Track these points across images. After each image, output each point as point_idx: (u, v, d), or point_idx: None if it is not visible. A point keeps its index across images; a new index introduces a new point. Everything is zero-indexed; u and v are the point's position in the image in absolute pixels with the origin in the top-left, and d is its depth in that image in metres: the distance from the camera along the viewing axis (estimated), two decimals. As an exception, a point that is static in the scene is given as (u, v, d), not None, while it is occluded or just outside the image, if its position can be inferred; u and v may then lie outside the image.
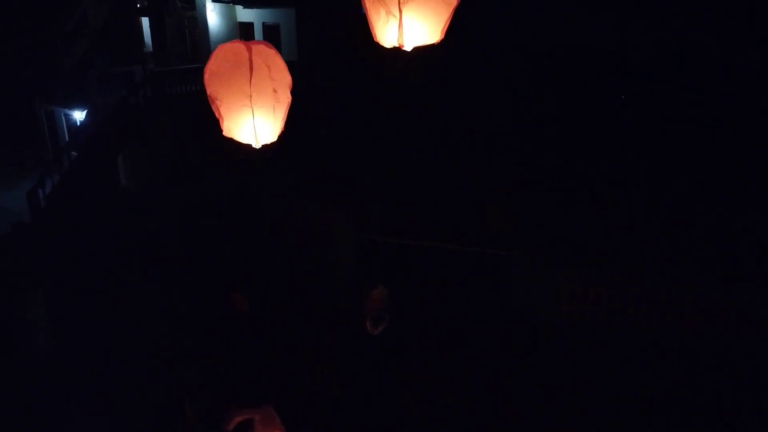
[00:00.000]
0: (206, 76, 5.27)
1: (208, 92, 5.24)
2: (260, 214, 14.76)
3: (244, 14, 23.38)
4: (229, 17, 23.51)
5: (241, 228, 15.29)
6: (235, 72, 5.15)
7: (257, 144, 5.24)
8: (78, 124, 22.84)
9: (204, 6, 22.82)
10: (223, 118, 5.26)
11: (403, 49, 4.32)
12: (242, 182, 15.50)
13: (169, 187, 19.50)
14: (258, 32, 23.36)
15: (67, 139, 24.31)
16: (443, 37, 4.27)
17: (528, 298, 10.28)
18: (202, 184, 18.79)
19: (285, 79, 5.20)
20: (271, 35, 23.27)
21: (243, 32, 23.68)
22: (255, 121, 5.22)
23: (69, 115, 22.92)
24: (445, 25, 4.25)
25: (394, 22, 4.22)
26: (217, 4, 22.88)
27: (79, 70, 24.29)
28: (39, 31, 24.79)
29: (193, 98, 22.08)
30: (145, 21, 25.40)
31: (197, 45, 23.78)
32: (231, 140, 5.38)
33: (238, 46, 5.14)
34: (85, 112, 20.98)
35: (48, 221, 19.19)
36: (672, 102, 18.27)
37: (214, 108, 5.28)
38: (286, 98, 5.23)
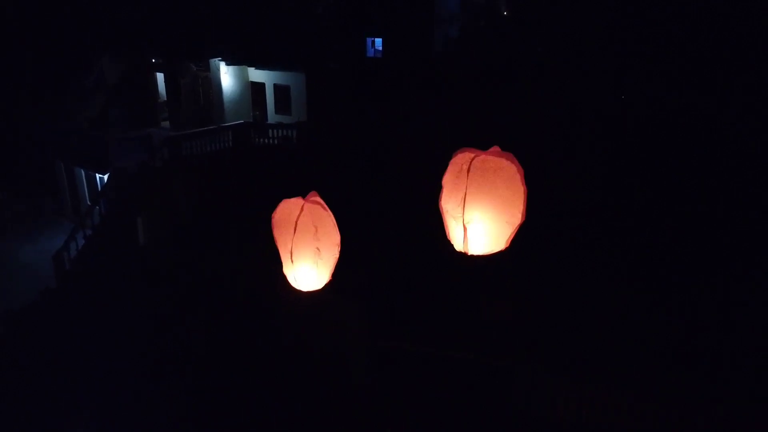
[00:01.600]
0: (273, 221, 6.05)
1: (274, 234, 6.01)
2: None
3: (256, 75, 24.45)
4: (241, 78, 24.57)
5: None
6: (286, 226, 5.95)
7: (300, 288, 6.08)
8: (98, 181, 23.88)
9: (218, 68, 23.88)
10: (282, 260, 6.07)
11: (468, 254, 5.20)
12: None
13: (184, 251, 20.52)
14: (269, 93, 24.44)
15: (86, 192, 25.41)
16: (508, 245, 5.13)
17: (528, 400, 11.36)
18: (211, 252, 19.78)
19: (332, 238, 5.97)
20: (282, 96, 24.35)
21: (255, 93, 24.75)
22: (295, 272, 6.05)
23: (89, 173, 23.96)
24: (509, 238, 5.10)
25: (459, 230, 5.13)
26: (231, 66, 23.92)
27: (97, 127, 25.32)
28: (58, 86, 25.82)
29: (207, 159, 23.23)
30: (159, 76, 26.42)
31: (211, 104, 24.83)
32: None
33: (296, 203, 5.90)
34: (106, 175, 21.96)
35: (73, 285, 20.20)
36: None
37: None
38: (331, 256, 5.98)
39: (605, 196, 18.27)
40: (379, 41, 33.13)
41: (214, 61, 23.75)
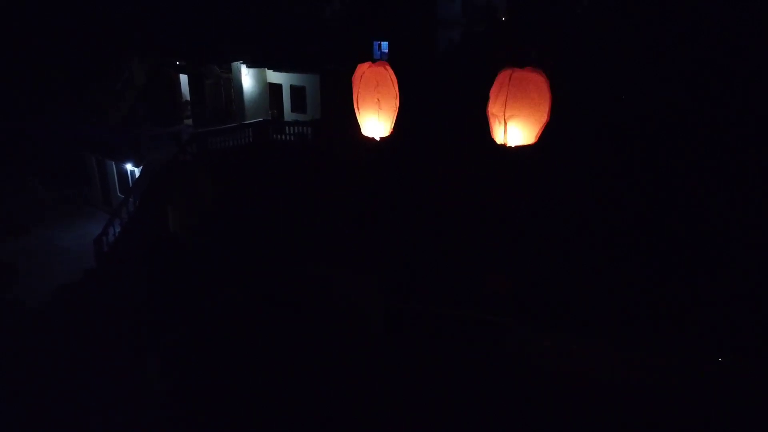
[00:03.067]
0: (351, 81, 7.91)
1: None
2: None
3: (274, 77, 26.61)
4: (260, 79, 26.73)
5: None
6: (355, 83, 7.88)
7: (366, 134, 7.93)
8: (128, 173, 26.06)
9: (239, 70, 26.03)
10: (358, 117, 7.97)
11: (507, 146, 7.06)
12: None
13: (211, 239, 22.73)
14: (286, 93, 26.62)
15: (116, 183, 27.60)
16: (537, 140, 7.00)
17: (523, 353, 13.65)
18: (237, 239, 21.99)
19: (390, 92, 7.58)
20: (298, 96, 26.53)
21: (273, 92, 26.93)
22: (362, 119, 7.92)
23: (120, 165, 26.14)
24: (538, 132, 7.01)
25: (501, 128, 7.06)
26: (251, 69, 26.10)
27: (126, 123, 27.51)
28: (91, 86, 27.98)
29: (229, 153, 25.40)
30: (183, 77, 28.59)
31: (233, 103, 26.99)
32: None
33: (364, 65, 7.73)
34: (139, 168, 24.15)
35: (110, 266, 22.44)
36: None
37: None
38: (390, 107, 7.63)
39: (604, 193, 20.22)
40: (385, 44, 35.32)
41: (236, 63, 25.90)
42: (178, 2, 27.02)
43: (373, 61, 7.71)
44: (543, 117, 6.88)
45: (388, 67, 7.50)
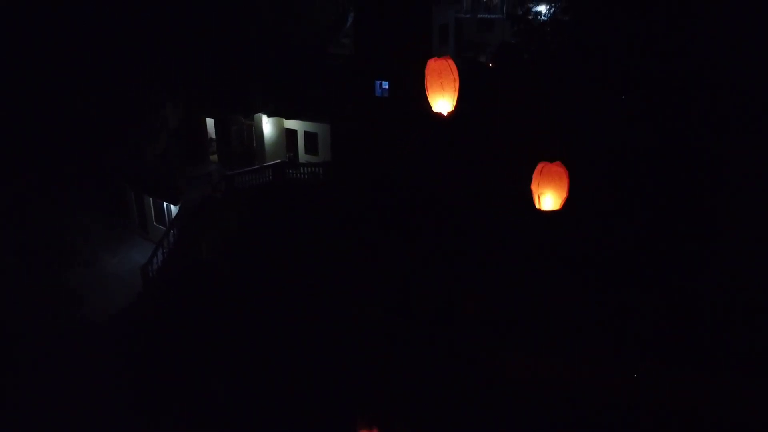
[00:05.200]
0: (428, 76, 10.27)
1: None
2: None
3: (290, 123, 30.95)
4: (278, 125, 31.09)
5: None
6: (438, 72, 10.09)
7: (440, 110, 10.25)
8: (164, 206, 30.34)
9: (260, 118, 30.42)
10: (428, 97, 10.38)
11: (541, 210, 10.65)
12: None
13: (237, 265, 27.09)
14: (301, 137, 30.98)
15: (153, 213, 31.89)
16: (560, 208, 10.78)
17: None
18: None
19: (449, 77, 9.82)
20: (311, 140, 30.89)
21: (289, 137, 31.30)
22: (432, 99, 10.19)
23: (158, 202, 30.47)
24: (561, 203, 10.46)
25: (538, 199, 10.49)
26: (270, 117, 30.52)
27: (161, 161, 31.80)
28: (132, 128, 32.25)
29: (253, 191, 29.68)
30: (209, 121, 33.01)
31: (254, 146, 31.36)
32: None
33: (430, 61, 10.12)
34: (177, 205, 28.51)
35: (156, 290, 26.75)
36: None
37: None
38: (450, 89, 9.86)
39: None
40: (386, 83, 39.58)
41: (258, 114, 30.31)
42: (206, 58, 31.30)
43: (439, 56, 10.30)
44: (563, 195, 10.47)
45: (449, 60, 10.01)
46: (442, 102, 10.21)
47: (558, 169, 10.60)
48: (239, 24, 34.09)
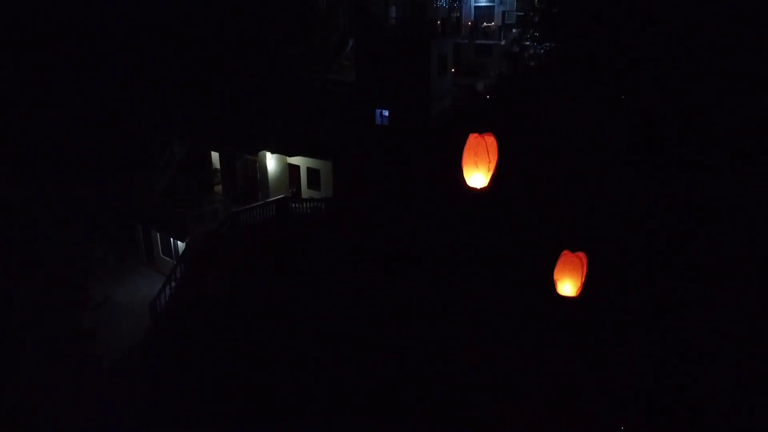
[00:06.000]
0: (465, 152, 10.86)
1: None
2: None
3: (293, 159, 31.94)
4: (282, 161, 32.09)
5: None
6: (474, 150, 10.67)
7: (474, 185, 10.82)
8: (170, 240, 31.38)
9: (264, 155, 31.44)
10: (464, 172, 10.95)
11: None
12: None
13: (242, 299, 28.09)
14: (303, 173, 31.99)
15: (159, 246, 32.93)
16: (579, 293, 11.91)
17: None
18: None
19: (483, 156, 10.28)
20: (313, 176, 31.88)
21: (292, 172, 32.30)
22: (467, 174, 10.75)
23: (165, 236, 31.50)
24: (580, 284, 11.53)
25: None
26: (274, 154, 31.56)
27: (167, 195, 32.84)
28: (141, 164, 33.35)
29: (257, 226, 30.68)
30: (215, 154, 34.02)
31: (258, 181, 32.35)
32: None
33: (477, 137, 10.60)
34: (184, 242, 29.54)
35: (164, 324, 27.81)
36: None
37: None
38: (485, 165, 10.36)
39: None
40: (386, 111, 40.60)
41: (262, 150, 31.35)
42: (213, 95, 32.38)
43: (480, 133, 10.47)
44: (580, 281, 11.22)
45: (487, 138, 10.32)
46: (477, 177, 10.66)
47: (578, 260, 11.44)
48: (244, 56, 35.24)
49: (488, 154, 10.50)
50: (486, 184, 10.74)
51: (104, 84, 34.63)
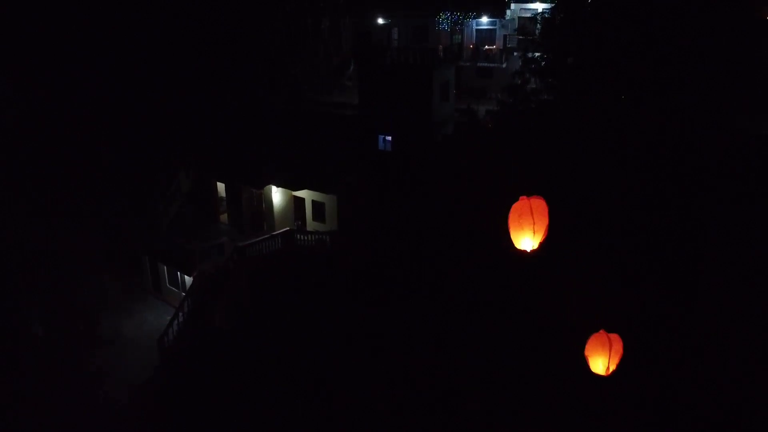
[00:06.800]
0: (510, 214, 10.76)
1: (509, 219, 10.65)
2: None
3: (299, 193, 32.39)
4: (287, 194, 32.54)
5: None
6: (519, 212, 10.70)
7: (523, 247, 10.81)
8: (179, 276, 31.80)
9: (270, 188, 31.87)
10: (511, 235, 10.65)
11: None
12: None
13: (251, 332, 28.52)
14: (308, 206, 32.43)
15: (166, 277, 33.35)
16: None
17: None
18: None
19: (542, 220, 10.35)
20: (318, 209, 32.33)
21: (297, 205, 32.76)
22: (519, 237, 10.67)
23: (172, 269, 31.93)
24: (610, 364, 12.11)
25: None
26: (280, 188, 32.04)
27: (174, 226, 33.30)
28: (146, 195, 33.78)
29: (263, 259, 31.11)
30: (220, 185, 34.45)
31: (264, 213, 32.83)
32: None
33: (523, 200, 10.61)
34: (191, 276, 29.97)
35: (172, 360, 28.20)
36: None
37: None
38: (540, 228, 10.38)
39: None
40: (389, 137, 41.02)
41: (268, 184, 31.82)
42: (219, 126, 32.85)
43: (528, 195, 10.65)
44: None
45: (534, 200, 10.50)
46: (524, 240, 10.68)
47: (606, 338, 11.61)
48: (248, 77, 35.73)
49: (532, 215, 10.55)
50: (536, 247, 10.72)
51: (111, 113, 35.02)
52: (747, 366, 20.37)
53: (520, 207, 10.61)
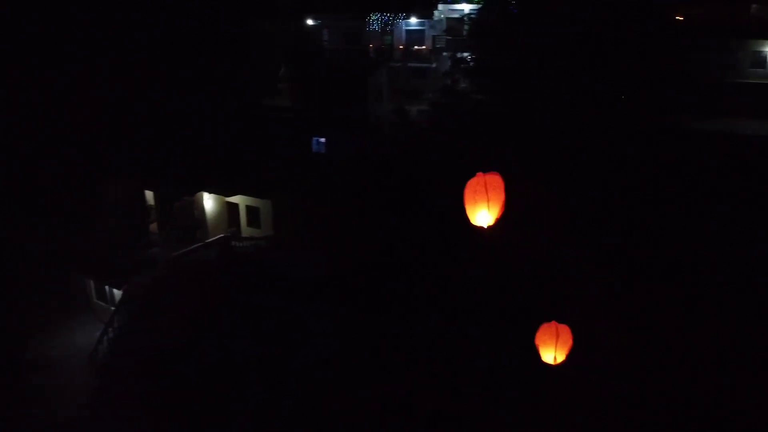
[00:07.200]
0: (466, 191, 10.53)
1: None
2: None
3: (232, 198, 31.67)
4: (221, 201, 31.75)
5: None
6: (474, 189, 10.49)
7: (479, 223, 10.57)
8: (107, 290, 30.43)
9: (202, 195, 31.02)
10: (467, 211, 10.47)
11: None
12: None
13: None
14: (243, 212, 31.77)
15: (93, 291, 31.84)
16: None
17: None
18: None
19: (497, 195, 10.22)
20: (253, 215, 31.73)
21: (231, 211, 32.02)
22: (474, 213, 10.47)
23: (100, 283, 30.53)
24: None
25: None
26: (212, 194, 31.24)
27: (102, 236, 31.82)
28: (73, 207, 32.11)
29: (198, 268, 30.19)
30: (149, 193, 33.21)
31: (197, 221, 31.88)
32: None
33: (479, 176, 10.38)
34: (120, 290, 28.75)
35: (106, 379, 26.94)
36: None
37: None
38: (495, 203, 10.24)
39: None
40: (323, 139, 40.84)
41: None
42: (148, 133, 31.69)
43: (484, 172, 10.45)
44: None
45: (489, 176, 10.37)
46: (480, 215, 10.54)
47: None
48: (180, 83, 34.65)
49: (486, 192, 10.42)
50: (491, 223, 10.56)
51: (29, 121, 33.18)
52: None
53: (475, 183, 10.51)
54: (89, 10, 35.09)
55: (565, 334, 12.03)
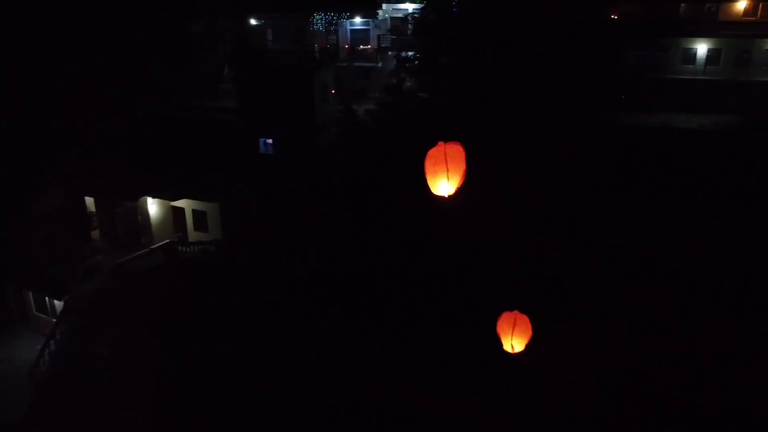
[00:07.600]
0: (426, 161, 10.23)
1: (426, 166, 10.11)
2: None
3: (177, 202, 30.93)
4: (165, 205, 30.96)
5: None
6: (434, 159, 10.19)
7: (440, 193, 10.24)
8: (47, 301, 29.25)
9: (146, 200, 30.18)
10: (428, 181, 10.17)
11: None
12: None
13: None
14: (189, 216, 31.08)
15: (32, 301, 30.54)
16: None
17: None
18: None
19: (457, 165, 9.95)
20: (200, 219, 31.10)
21: (177, 215, 31.27)
22: (435, 183, 10.17)
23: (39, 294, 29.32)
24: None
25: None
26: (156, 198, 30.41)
27: (41, 252, 30.53)
28: (5, 216, 30.67)
29: (144, 275, 29.40)
30: (89, 199, 32.09)
31: (141, 227, 31.00)
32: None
33: (439, 146, 10.07)
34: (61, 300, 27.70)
35: (48, 396, 25.88)
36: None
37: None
38: (456, 173, 9.96)
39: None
40: (270, 140, 40.34)
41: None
42: (86, 137, 30.59)
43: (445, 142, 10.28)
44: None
45: (450, 146, 10.16)
46: (440, 185, 10.39)
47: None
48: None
49: (446, 162, 10.20)
50: (452, 193, 10.38)
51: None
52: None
53: (435, 153, 10.29)
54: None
55: (524, 323, 12.05)
